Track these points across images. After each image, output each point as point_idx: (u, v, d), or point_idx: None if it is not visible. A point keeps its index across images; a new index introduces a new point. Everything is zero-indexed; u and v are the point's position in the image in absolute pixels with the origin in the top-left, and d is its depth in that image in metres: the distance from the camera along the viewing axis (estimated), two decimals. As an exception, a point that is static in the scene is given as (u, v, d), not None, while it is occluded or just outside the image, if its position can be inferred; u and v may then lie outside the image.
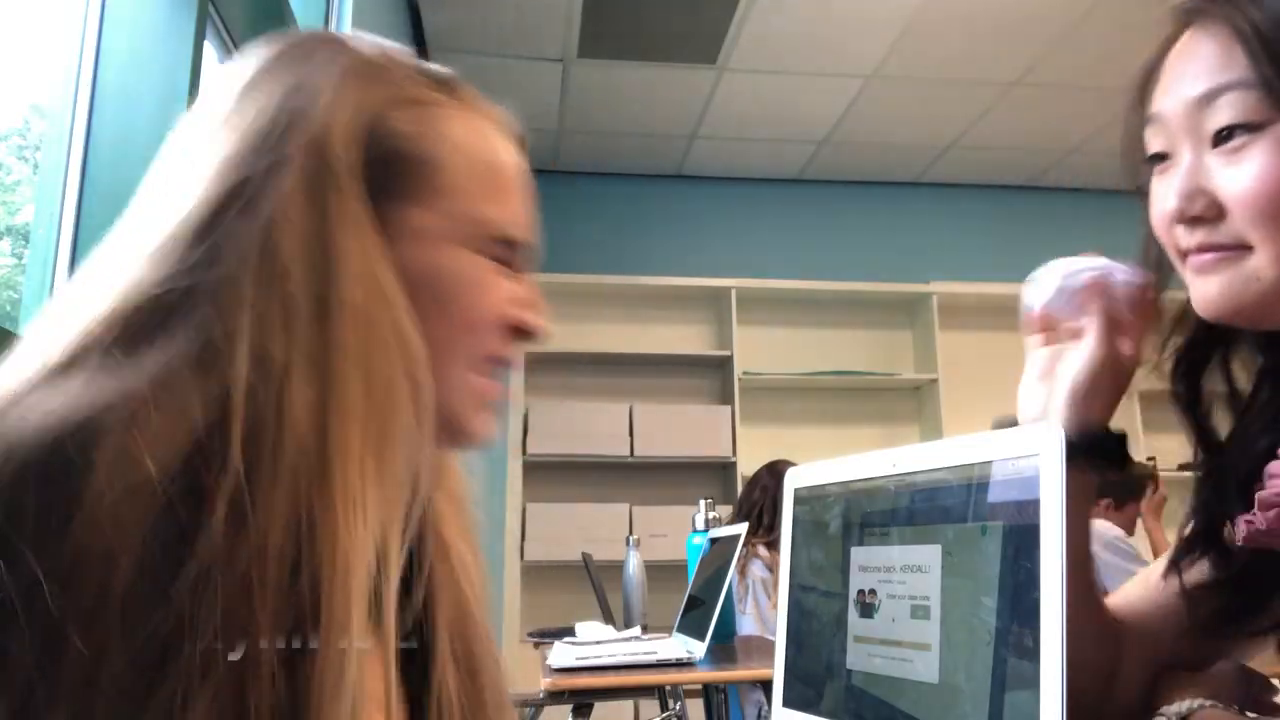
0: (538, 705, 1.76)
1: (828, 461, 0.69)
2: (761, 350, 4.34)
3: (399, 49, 0.57)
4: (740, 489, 3.41)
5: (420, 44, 3.45)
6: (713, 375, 4.42)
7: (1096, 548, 1.80)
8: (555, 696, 1.59)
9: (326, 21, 2.34)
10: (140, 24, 1.40)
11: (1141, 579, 0.76)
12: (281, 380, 0.43)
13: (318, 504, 0.43)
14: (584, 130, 4.12)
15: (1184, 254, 0.61)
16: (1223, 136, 0.57)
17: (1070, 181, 4.59)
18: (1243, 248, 0.57)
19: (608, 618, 2.67)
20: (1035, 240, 4.37)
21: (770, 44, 3.46)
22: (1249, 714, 0.62)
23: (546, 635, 2.43)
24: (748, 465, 3.68)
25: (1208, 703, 0.63)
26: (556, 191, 4.46)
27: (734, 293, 4.28)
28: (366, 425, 0.45)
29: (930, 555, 0.56)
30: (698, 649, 1.73)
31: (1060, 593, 0.47)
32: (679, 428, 4.08)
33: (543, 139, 4.19)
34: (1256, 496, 0.60)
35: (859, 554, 0.63)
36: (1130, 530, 2.78)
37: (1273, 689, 0.65)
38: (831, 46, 3.48)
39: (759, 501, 2.82)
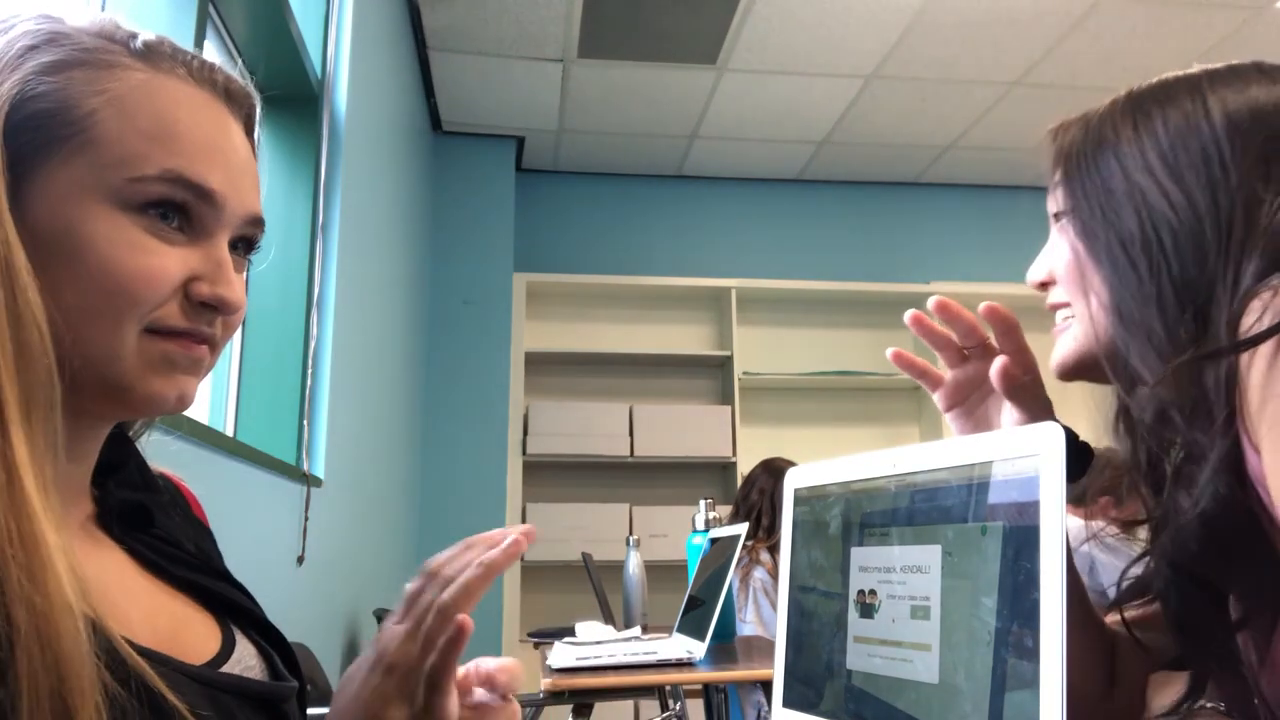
0: (538, 705, 1.76)
1: (828, 462, 0.69)
2: (761, 350, 4.34)
3: (110, 23, 0.56)
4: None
5: (420, 44, 3.45)
6: (713, 375, 4.42)
7: (1095, 548, 1.78)
8: (555, 696, 1.59)
9: (326, 21, 2.34)
10: (140, 24, 1.40)
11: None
12: None
13: None
14: (584, 130, 4.11)
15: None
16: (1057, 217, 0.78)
17: (1070, 181, 4.59)
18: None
19: (608, 618, 2.67)
20: (1035, 240, 4.35)
21: (770, 44, 3.46)
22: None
23: (546, 635, 2.43)
24: (748, 465, 3.67)
25: (1198, 703, 0.63)
26: (556, 191, 4.46)
27: (734, 293, 4.28)
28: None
29: (930, 555, 0.56)
30: (698, 649, 1.73)
31: (1061, 593, 0.46)
32: (679, 428, 4.08)
33: (543, 139, 4.19)
34: None
35: (859, 554, 0.63)
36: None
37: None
38: (831, 46, 3.48)
39: (757, 503, 2.79)
